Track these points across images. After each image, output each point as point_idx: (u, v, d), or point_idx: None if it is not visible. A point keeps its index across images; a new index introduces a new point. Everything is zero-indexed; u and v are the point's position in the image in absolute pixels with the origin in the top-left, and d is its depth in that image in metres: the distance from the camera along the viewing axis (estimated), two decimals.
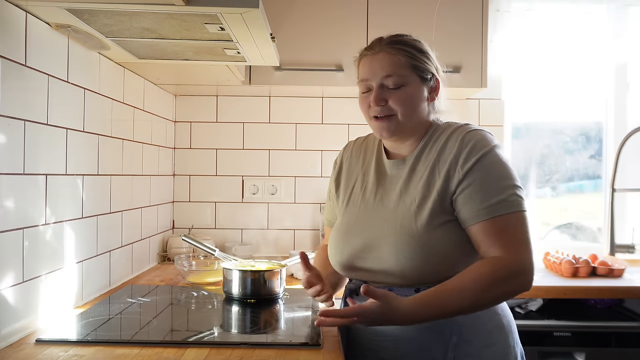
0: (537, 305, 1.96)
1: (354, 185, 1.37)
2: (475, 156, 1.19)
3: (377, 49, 1.27)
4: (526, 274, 1.15)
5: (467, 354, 1.19)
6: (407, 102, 1.25)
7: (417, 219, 1.20)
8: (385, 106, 1.25)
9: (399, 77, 1.24)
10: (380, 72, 1.25)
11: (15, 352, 1.11)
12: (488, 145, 1.21)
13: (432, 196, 1.20)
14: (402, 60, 1.24)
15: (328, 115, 2.48)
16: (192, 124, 2.48)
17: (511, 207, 1.17)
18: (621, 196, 2.46)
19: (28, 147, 1.24)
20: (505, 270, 1.14)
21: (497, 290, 1.13)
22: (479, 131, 1.24)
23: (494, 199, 1.17)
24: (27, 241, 1.24)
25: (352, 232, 1.29)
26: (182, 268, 1.84)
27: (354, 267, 1.28)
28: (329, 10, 2.08)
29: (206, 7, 1.14)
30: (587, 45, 2.54)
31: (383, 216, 1.26)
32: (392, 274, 1.21)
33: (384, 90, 1.25)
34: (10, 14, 1.18)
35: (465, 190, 1.19)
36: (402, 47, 1.26)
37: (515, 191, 1.18)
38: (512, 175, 1.20)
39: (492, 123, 2.47)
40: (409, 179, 1.27)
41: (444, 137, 1.26)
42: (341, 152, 1.47)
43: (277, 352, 1.11)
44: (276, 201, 2.48)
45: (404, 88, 1.25)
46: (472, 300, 1.13)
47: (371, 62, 1.27)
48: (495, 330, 1.23)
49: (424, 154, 1.27)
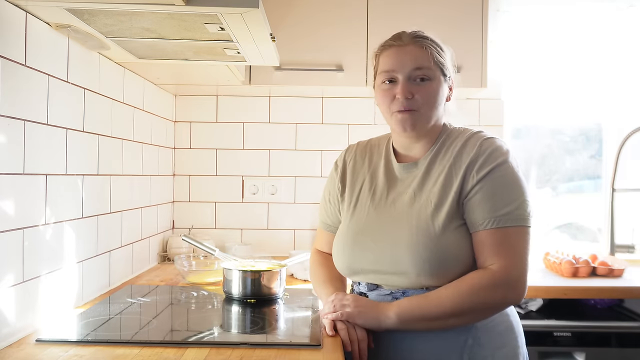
0: (537, 305, 1.96)
1: (361, 187, 1.35)
2: (491, 164, 1.20)
3: (406, 41, 1.25)
4: (512, 287, 1.16)
5: (482, 356, 1.19)
6: (433, 98, 1.25)
7: (435, 220, 1.20)
8: (412, 99, 1.23)
9: (428, 70, 1.24)
10: (410, 64, 1.23)
11: (15, 352, 1.11)
12: (504, 155, 1.21)
13: (450, 198, 1.21)
14: (430, 54, 1.24)
15: (328, 115, 2.48)
16: (192, 124, 2.48)
17: (516, 220, 1.17)
18: (621, 196, 2.46)
19: (28, 147, 1.24)
20: (489, 280, 1.15)
21: (475, 299, 1.14)
22: (497, 140, 1.25)
23: (502, 210, 1.17)
24: (27, 241, 1.24)
25: (363, 235, 1.28)
26: (182, 268, 1.84)
27: (364, 269, 1.27)
28: (329, 10, 2.08)
29: (206, 7, 1.14)
30: (587, 45, 2.54)
31: (396, 218, 1.25)
32: (407, 276, 1.20)
33: (411, 83, 1.24)
34: (10, 14, 1.18)
35: (475, 195, 1.19)
36: (430, 42, 1.25)
37: (524, 205, 1.18)
38: (523, 189, 1.20)
39: (492, 123, 2.46)
40: (423, 181, 1.26)
41: (460, 142, 1.25)
42: (343, 154, 1.45)
43: (277, 352, 1.11)
44: (276, 201, 2.48)
45: (431, 83, 1.24)
46: (452, 309, 1.15)
47: (398, 53, 1.25)
48: (506, 332, 1.23)
49: (438, 157, 1.27)
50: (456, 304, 1.15)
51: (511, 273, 1.16)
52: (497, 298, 1.16)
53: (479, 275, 1.17)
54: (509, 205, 1.18)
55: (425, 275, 1.18)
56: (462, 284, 1.16)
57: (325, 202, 1.45)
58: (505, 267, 1.15)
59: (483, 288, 1.14)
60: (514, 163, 1.22)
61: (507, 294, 1.16)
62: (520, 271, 1.16)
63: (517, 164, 1.23)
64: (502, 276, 1.15)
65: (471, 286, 1.15)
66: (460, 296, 1.15)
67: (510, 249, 1.17)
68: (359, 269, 1.28)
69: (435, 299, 1.17)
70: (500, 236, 1.17)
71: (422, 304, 1.17)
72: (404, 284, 1.22)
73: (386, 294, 1.25)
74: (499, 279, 1.15)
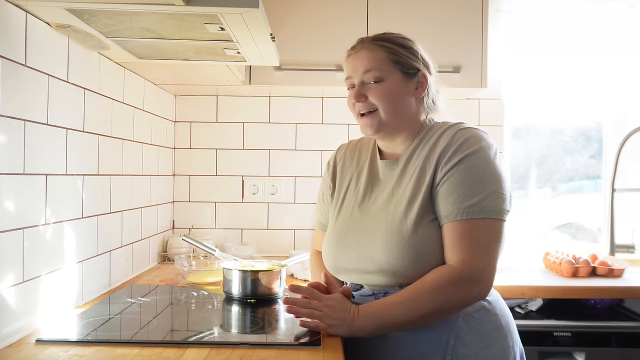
0: (537, 305, 1.96)
1: (347, 186, 1.37)
2: (462, 153, 1.17)
3: (359, 47, 1.28)
4: (476, 282, 1.12)
5: (466, 356, 1.17)
6: (388, 97, 1.24)
7: (407, 217, 1.19)
8: (366, 102, 1.25)
9: (378, 71, 1.24)
10: (360, 68, 1.26)
11: (15, 352, 1.11)
12: (477, 144, 1.18)
13: (422, 192, 1.19)
14: (381, 56, 1.25)
15: (328, 115, 2.48)
16: (192, 124, 2.48)
17: (482, 212, 1.13)
18: (621, 196, 2.46)
19: (28, 147, 1.24)
20: (449, 277, 1.12)
21: (439, 298, 1.11)
22: (473, 129, 1.22)
23: (467, 201, 1.14)
24: (27, 241, 1.24)
25: (346, 234, 1.29)
26: (182, 268, 1.84)
27: (347, 268, 1.28)
28: (329, 10, 2.08)
29: (206, 7, 1.14)
30: (587, 45, 2.54)
31: (374, 216, 1.25)
32: (384, 274, 1.20)
33: (364, 86, 1.26)
34: (10, 14, 1.18)
35: (443, 187, 1.17)
36: (383, 43, 1.26)
37: (494, 197, 1.14)
38: (496, 179, 1.16)
39: (492, 123, 2.47)
40: (400, 178, 1.26)
41: (436, 135, 1.24)
42: (334, 153, 1.47)
43: (277, 352, 1.11)
44: (276, 201, 2.48)
45: (384, 83, 1.25)
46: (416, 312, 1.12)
47: (353, 59, 1.29)
48: (494, 331, 1.21)
49: (415, 153, 1.26)
50: (420, 306, 1.12)
51: (473, 267, 1.11)
52: (461, 295, 1.12)
53: (439, 273, 1.13)
54: (476, 197, 1.13)
55: (400, 272, 1.17)
56: (423, 285, 1.13)
57: (320, 201, 1.48)
58: (466, 261, 1.12)
59: (444, 287, 1.11)
60: (490, 153, 1.17)
61: (472, 289, 1.12)
62: (484, 265, 1.12)
63: (494, 154, 1.18)
64: (462, 272, 1.11)
65: (432, 286, 1.12)
66: (423, 298, 1.12)
67: (472, 243, 1.12)
68: (343, 268, 1.29)
69: (398, 304, 1.14)
70: (464, 229, 1.13)
71: (385, 312, 1.15)
72: (382, 282, 1.21)
73: (368, 294, 1.25)
74: (459, 275, 1.11)
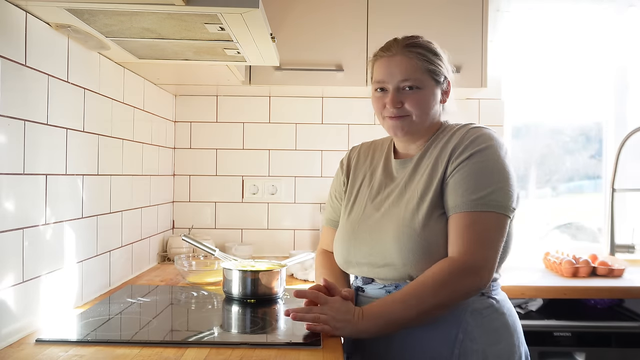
0: (537, 305, 1.96)
1: (360, 183, 1.41)
2: (473, 149, 1.21)
3: (394, 51, 1.29)
4: (477, 273, 1.14)
5: (473, 350, 1.19)
6: (423, 105, 1.28)
7: (419, 211, 1.22)
8: (402, 108, 1.28)
9: (415, 80, 1.27)
10: (398, 75, 1.27)
11: (15, 352, 1.11)
12: (488, 142, 1.22)
13: (433, 187, 1.23)
14: (418, 64, 1.27)
15: (328, 115, 2.48)
16: (192, 124, 2.48)
17: (488, 206, 1.16)
18: (621, 196, 2.46)
19: (28, 147, 1.24)
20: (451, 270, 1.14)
21: (440, 290, 1.13)
22: (484, 128, 1.26)
23: (474, 194, 1.17)
24: (27, 241, 1.24)
25: (359, 228, 1.32)
26: (182, 268, 1.84)
27: (359, 262, 1.30)
28: (329, 10, 2.08)
29: (206, 7, 1.14)
30: (587, 45, 2.54)
31: (387, 211, 1.28)
32: (395, 267, 1.23)
33: (400, 93, 1.28)
34: (10, 14, 1.18)
35: (452, 179, 1.21)
36: (419, 51, 1.28)
37: (501, 193, 1.17)
38: (504, 176, 1.19)
39: (492, 123, 2.46)
40: (412, 175, 1.30)
41: (448, 134, 1.29)
42: (348, 153, 1.51)
43: (277, 352, 1.11)
44: (276, 201, 2.48)
45: (420, 91, 1.27)
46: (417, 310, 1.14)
47: (388, 64, 1.29)
48: (501, 329, 1.23)
49: (428, 152, 1.30)
50: (422, 301, 1.14)
51: (474, 258, 1.14)
52: (461, 286, 1.14)
53: (439, 267, 1.15)
54: (483, 190, 1.17)
55: (410, 265, 1.20)
56: (424, 280, 1.15)
57: (332, 199, 1.50)
58: (468, 252, 1.14)
59: (444, 279, 1.13)
60: (500, 151, 1.21)
61: (472, 280, 1.14)
62: (485, 257, 1.15)
63: (504, 152, 1.22)
64: (463, 263, 1.14)
65: (432, 280, 1.14)
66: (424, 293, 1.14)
67: (475, 234, 1.15)
68: (354, 262, 1.32)
69: (400, 301, 1.15)
70: (469, 221, 1.16)
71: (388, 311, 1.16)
72: (393, 275, 1.24)
73: (379, 287, 1.28)
74: (460, 266, 1.14)
